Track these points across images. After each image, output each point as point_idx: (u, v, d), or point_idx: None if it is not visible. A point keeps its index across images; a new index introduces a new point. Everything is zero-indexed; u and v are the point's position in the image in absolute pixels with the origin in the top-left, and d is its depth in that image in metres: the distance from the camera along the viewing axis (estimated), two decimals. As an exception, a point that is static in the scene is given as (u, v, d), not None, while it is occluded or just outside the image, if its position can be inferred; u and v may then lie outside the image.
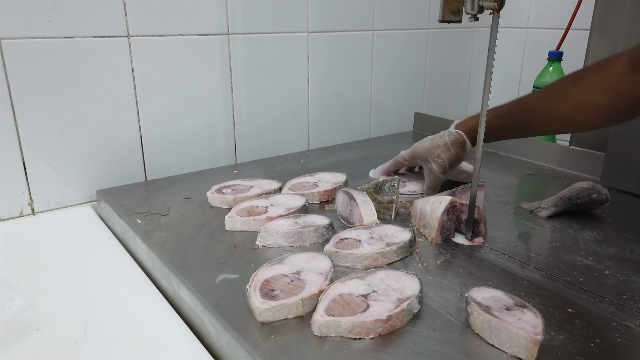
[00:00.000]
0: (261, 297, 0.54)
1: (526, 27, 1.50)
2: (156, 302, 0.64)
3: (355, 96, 1.33)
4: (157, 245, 0.71)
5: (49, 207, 0.91)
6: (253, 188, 0.87)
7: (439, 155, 0.80)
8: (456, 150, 0.79)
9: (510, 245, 0.72)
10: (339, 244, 0.67)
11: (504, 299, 0.54)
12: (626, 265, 0.67)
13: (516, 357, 0.49)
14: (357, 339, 0.51)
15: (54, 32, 0.85)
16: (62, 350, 0.55)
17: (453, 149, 0.79)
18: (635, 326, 0.54)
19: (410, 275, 0.59)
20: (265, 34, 1.10)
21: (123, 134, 0.96)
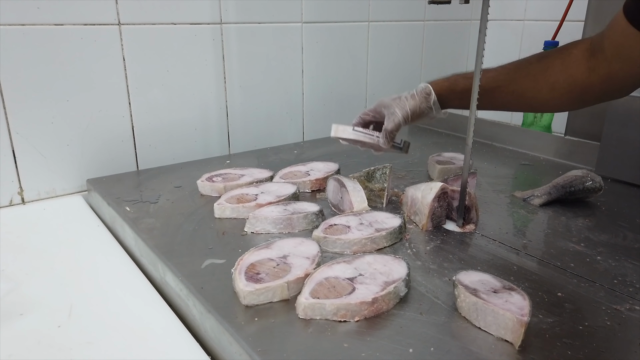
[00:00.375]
0: (246, 280, 0.54)
1: (523, 20, 1.49)
2: (143, 288, 0.64)
3: (351, 88, 1.32)
4: (145, 231, 0.70)
5: (39, 197, 0.91)
6: (244, 177, 0.87)
7: (403, 102, 0.77)
8: (420, 99, 0.77)
9: (502, 232, 0.72)
10: (328, 229, 0.67)
11: (492, 282, 0.53)
12: (618, 251, 0.66)
13: (502, 339, 0.48)
14: (343, 321, 0.50)
15: (44, 19, 0.84)
16: (44, 334, 0.54)
17: (418, 97, 0.77)
18: (625, 310, 0.53)
19: (398, 260, 0.59)
20: (258, 23, 1.10)
21: (114, 123, 0.96)
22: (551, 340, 0.48)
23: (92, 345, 0.53)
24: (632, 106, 0.88)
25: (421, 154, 1.10)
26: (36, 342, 0.53)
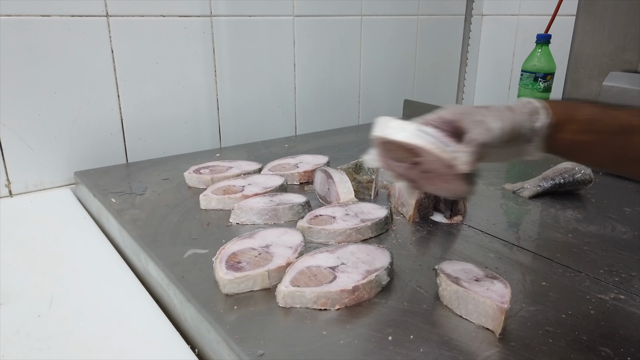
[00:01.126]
0: (226, 269, 0.53)
1: (518, 14, 1.49)
2: (125, 279, 0.63)
3: (344, 82, 1.32)
4: (129, 222, 0.69)
5: (26, 189, 0.90)
6: (232, 169, 0.86)
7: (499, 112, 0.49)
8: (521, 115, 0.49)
9: (490, 224, 0.71)
10: (313, 220, 0.66)
11: (474, 270, 0.53)
12: (606, 242, 0.65)
13: (483, 327, 0.47)
14: (323, 309, 0.50)
15: (31, 10, 0.83)
16: (23, 324, 0.54)
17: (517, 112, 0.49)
18: (609, 299, 0.52)
19: (381, 249, 0.58)
20: (249, 16, 1.09)
21: (103, 116, 0.95)
22: (533, 329, 0.47)
23: (70, 335, 0.52)
24: (623, 98, 0.88)
25: (413, 147, 1.09)
26: (15, 332, 0.53)
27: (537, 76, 1.13)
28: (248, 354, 0.43)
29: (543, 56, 1.13)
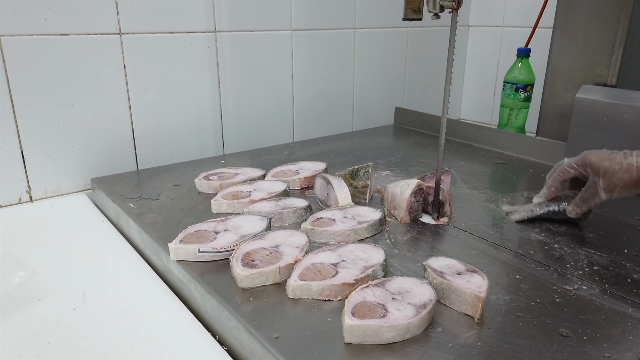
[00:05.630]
0: (242, 266, 0.61)
1: (502, 26, 1.58)
2: (148, 276, 0.70)
3: (338, 91, 1.39)
4: (149, 225, 0.77)
5: (45, 195, 0.97)
6: (238, 175, 0.93)
7: (615, 172, 0.65)
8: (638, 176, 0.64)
9: (472, 224, 0.79)
10: (315, 222, 0.74)
11: (457, 265, 0.61)
12: (574, 240, 0.74)
13: (464, 313, 0.55)
14: (327, 300, 0.58)
15: (50, 30, 0.90)
16: (62, 315, 0.61)
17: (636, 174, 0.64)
18: (573, 289, 0.61)
19: (376, 248, 0.66)
20: (250, 31, 1.17)
21: (115, 126, 1.02)
22: (506, 314, 0.55)
23: (104, 325, 0.59)
24: (594, 109, 0.97)
25: (403, 153, 1.17)
26: (55, 323, 0.60)
27: (518, 87, 1.22)
28: (265, 337, 0.51)
29: (523, 68, 1.22)
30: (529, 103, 1.27)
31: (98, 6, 0.94)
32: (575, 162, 0.72)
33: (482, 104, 1.69)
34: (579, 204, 0.72)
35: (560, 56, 1.06)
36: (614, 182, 0.65)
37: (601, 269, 0.66)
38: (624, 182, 0.65)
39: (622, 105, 0.93)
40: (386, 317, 0.51)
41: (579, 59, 1.03)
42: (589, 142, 0.98)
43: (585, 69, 1.03)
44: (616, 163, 0.65)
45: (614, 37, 0.97)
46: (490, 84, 1.64)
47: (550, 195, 0.76)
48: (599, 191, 0.68)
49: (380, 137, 1.37)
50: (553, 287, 0.61)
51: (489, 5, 1.60)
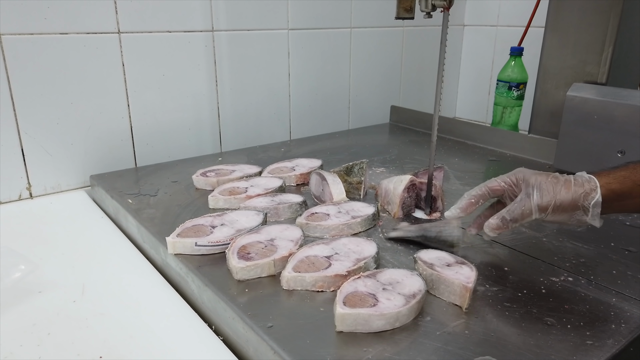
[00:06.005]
0: (238, 259, 0.62)
1: (496, 25, 1.60)
2: (146, 270, 0.72)
3: (335, 90, 1.41)
4: (147, 220, 0.78)
5: (45, 192, 0.99)
6: (235, 172, 0.95)
7: (551, 186, 0.59)
8: (577, 194, 0.58)
9: (464, 219, 0.81)
10: (310, 217, 0.75)
11: (446, 258, 0.63)
12: (563, 234, 0.75)
13: (453, 303, 0.57)
14: (320, 291, 0.59)
15: (50, 29, 0.92)
16: (62, 307, 0.63)
17: (573, 189, 0.58)
18: (559, 281, 0.62)
19: (369, 241, 0.68)
20: (247, 30, 1.18)
21: (114, 124, 1.04)
22: (493, 304, 0.57)
23: (104, 316, 0.61)
24: (585, 107, 0.98)
25: (398, 151, 1.19)
26: (55, 314, 0.61)
27: (511, 85, 1.24)
28: (259, 326, 0.53)
29: (516, 67, 1.24)
30: (522, 101, 1.29)
31: (97, 6, 0.96)
32: (508, 176, 0.64)
33: (477, 102, 1.71)
34: (505, 219, 0.60)
35: (552, 55, 1.08)
36: (548, 196, 0.58)
37: (587, 261, 0.67)
38: (560, 198, 0.58)
39: (612, 102, 0.95)
40: (376, 306, 0.52)
41: (570, 57, 1.05)
42: (579, 139, 1.00)
43: (576, 67, 1.05)
44: (553, 177, 0.60)
45: (603, 36, 0.99)
46: (485, 82, 1.66)
47: (468, 208, 0.65)
48: (531, 206, 0.59)
49: (376, 134, 1.39)
50: (540, 278, 0.63)
51: (483, 4, 1.62)
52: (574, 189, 0.58)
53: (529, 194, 0.60)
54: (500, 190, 0.64)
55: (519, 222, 0.60)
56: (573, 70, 1.05)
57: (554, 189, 0.59)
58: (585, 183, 0.59)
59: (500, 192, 0.64)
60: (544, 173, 0.62)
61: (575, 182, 0.59)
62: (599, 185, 0.58)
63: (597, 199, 0.57)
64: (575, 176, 0.60)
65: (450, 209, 0.66)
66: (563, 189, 0.58)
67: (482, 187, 0.65)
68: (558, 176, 0.61)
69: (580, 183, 0.59)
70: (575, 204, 0.58)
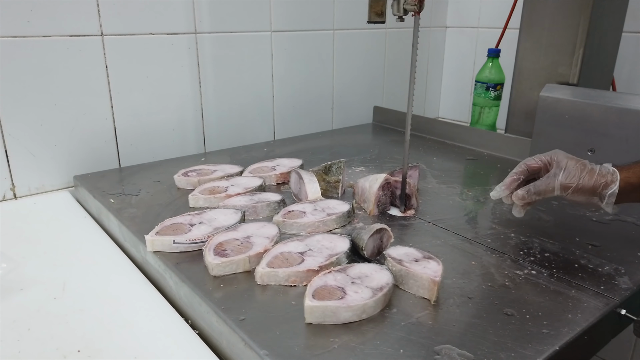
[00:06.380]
0: (214, 255, 0.64)
1: (477, 27, 1.63)
2: (126, 267, 0.74)
3: (318, 91, 1.43)
4: (128, 219, 0.80)
5: (29, 192, 1.00)
6: (216, 172, 0.97)
7: (578, 171, 0.66)
8: (598, 182, 0.65)
9: (437, 216, 0.84)
10: (287, 215, 0.78)
11: (415, 253, 0.65)
12: (530, 230, 0.78)
13: (422, 297, 0.60)
14: (293, 286, 0.62)
15: (33, 32, 0.93)
16: (43, 304, 0.64)
17: (595, 179, 0.66)
18: (523, 274, 0.65)
19: (342, 237, 0.70)
20: (230, 33, 1.20)
21: (98, 125, 1.05)
22: (459, 297, 0.60)
23: (83, 312, 0.63)
24: (557, 107, 1.01)
25: (379, 150, 1.22)
26: (36, 310, 0.63)
27: (489, 86, 1.27)
28: (232, 319, 0.55)
29: (494, 68, 1.27)
30: (500, 101, 1.32)
31: (80, 8, 0.97)
32: (544, 155, 0.71)
33: (459, 103, 1.74)
34: (530, 191, 0.68)
35: (526, 56, 1.11)
36: (572, 179, 0.66)
37: (552, 255, 0.70)
38: (582, 183, 0.66)
39: (582, 103, 0.98)
40: (344, 299, 0.55)
41: (543, 59, 1.08)
42: (552, 138, 1.03)
43: (549, 68, 1.08)
44: (581, 164, 0.67)
45: (574, 38, 1.02)
46: (467, 83, 1.69)
47: (511, 184, 0.71)
48: (555, 184, 0.67)
49: (359, 134, 1.41)
50: (505, 272, 0.66)
51: (465, 6, 1.65)
52: (596, 177, 0.66)
53: (556, 173, 0.67)
54: (537, 168, 0.71)
55: (542, 195, 0.68)
56: (546, 72, 1.08)
57: (579, 173, 0.66)
58: (607, 174, 0.66)
59: (537, 169, 0.71)
60: (574, 158, 0.69)
61: (599, 172, 0.66)
62: (619, 179, 0.65)
63: (614, 190, 0.65)
64: (601, 166, 0.68)
65: (495, 188, 0.72)
66: (587, 176, 0.66)
67: (522, 165, 0.72)
68: (586, 163, 0.68)
69: (603, 173, 0.66)
70: (595, 191, 0.66)
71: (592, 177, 0.66)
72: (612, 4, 1.04)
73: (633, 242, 0.75)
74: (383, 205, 0.84)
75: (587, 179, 0.66)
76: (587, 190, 0.66)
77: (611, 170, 0.66)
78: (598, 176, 0.66)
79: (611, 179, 0.65)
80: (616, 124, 0.93)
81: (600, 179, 0.66)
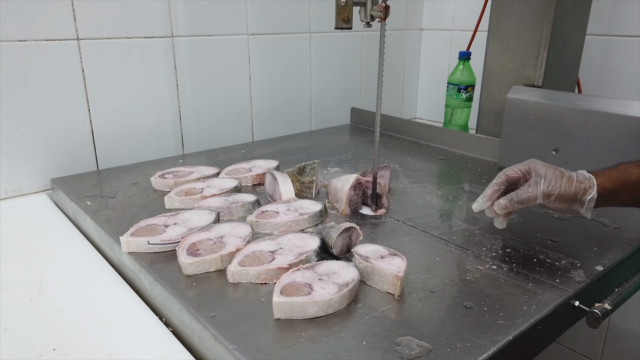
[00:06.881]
0: (187, 255, 0.66)
1: (451, 29, 1.66)
2: (102, 268, 0.75)
3: (296, 93, 1.46)
4: (104, 221, 0.81)
5: (7, 195, 1.01)
6: (193, 173, 0.99)
7: (558, 179, 0.67)
8: (576, 189, 0.67)
9: (407, 215, 0.87)
10: (260, 215, 0.80)
11: (381, 250, 0.68)
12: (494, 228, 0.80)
13: (386, 292, 0.62)
14: (264, 284, 0.64)
15: (8, 36, 0.94)
16: (19, 305, 0.66)
17: (574, 186, 0.67)
18: (484, 269, 0.68)
19: (313, 236, 0.72)
20: (207, 36, 1.22)
21: (75, 128, 1.06)
22: (422, 291, 0.63)
23: (59, 312, 0.64)
24: (523, 108, 1.05)
25: (355, 151, 1.25)
26: (12, 311, 0.64)
27: (460, 88, 1.31)
28: (203, 316, 0.57)
29: (465, 70, 1.31)
30: (471, 102, 1.35)
31: (55, 13, 0.98)
32: (522, 165, 0.72)
33: (436, 104, 1.78)
34: (513, 200, 0.68)
35: (494, 59, 1.14)
36: (554, 187, 0.67)
37: (513, 251, 0.74)
38: (563, 190, 0.67)
39: (546, 104, 1.02)
40: (310, 295, 0.57)
41: (510, 61, 1.12)
42: (519, 138, 1.07)
43: (515, 71, 1.12)
44: (559, 172, 0.69)
45: (539, 41, 1.06)
46: (442, 84, 1.72)
47: (492, 195, 0.71)
48: (537, 192, 0.67)
49: (336, 136, 1.44)
50: (467, 267, 0.69)
51: (439, 9, 1.69)
52: (575, 184, 0.67)
53: (537, 182, 0.68)
54: (516, 178, 0.72)
55: (524, 204, 0.68)
56: (513, 74, 1.12)
57: (559, 181, 0.67)
58: (585, 181, 0.68)
59: (516, 179, 0.72)
60: (552, 166, 0.70)
61: (577, 179, 0.68)
62: (596, 184, 0.67)
63: (593, 195, 0.67)
64: (577, 173, 0.69)
65: (477, 200, 0.72)
66: (566, 183, 0.67)
67: (501, 176, 0.72)
68: (563, 171, 0.69)
69: (580, 180, 0.68)
70: (575, 197, 0.68)
71: (572, 184, 0.67)
72: (574, 8, 1.09)
73: (590, 238, 0.79)
74: (355, 205, 0.87)
75: (567, 186, 0.67)
76: (568, 197, 0.67)
77: (587, 177, 0.69)
78: (577, 183, 0.67)
79: (588, 184, 0.68)
80: (578, 124, 0.97)
81: (579, 185, 0.67)
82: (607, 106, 0.94)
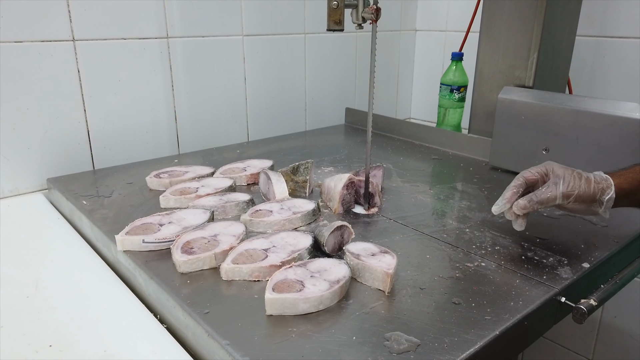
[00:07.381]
0: (181, 253, 0.68)
1: (445, 30, 1.68)
2: (98, 266, 0.77)
3: (291, 93, 1.47)
4: (100, 220, 0.82)
5: (3, 195, 1.01)
6: (188, 173, 1.00)
7: (576, 180, 0.69)
8: (595, 189, 0.68)
9: (399, 213, 0.88)
10: (254, 214, 0.81)
11: (372, 248, 0.69)
12: (485, 225, 0.83)
13: (377, 289, 0.64)
14: (257, 281, 0.65)
15: (5, 38, 0.95)
16: (16, 302, 0.67)
17: (593, 187, 0.68)
18: (473, 266, 0.70)
19: (305, 234, 0.74)
20: (202, 37, 1.23)
21: (71, 128, 1.07)
22: (411, 288, 0.64)
23: (55, 310, 0.65)
24: (514, 108, 1.07)
25: (349, 151, 1.26)
26: (9, 309, 0.65)
27: (453, 88, 1.32)
28: (197, 312, 0.58)
29: (457, 71, 1.32)
30: (464, 103, 1.37)
31: (51, 14, 0.99)
32: (539, 167, 0.72)
33: (430, 104, 1.79)
34: (532, 200, 0.69)
35: (486, 60, 1.16)
36: (573, 188, 0.68)
37: (502, 248, 0.75)
38: (582, 191, 0.68)
39: (537, 104, 1.03)
40: (302, 291, 0.58)
41: (501, 62, 1.14)
42: (510, 138, 1.09)
43: (507, 71, 1.13)
44: (577, 173, 0.70)
45: (529, 42, 1.08)
46: (436, 85, 1.72)
47: (512, 197, 0.71)
48: (557, 193, 0.68)
49: (331, 135, 1.45)
50: (456, 264, 0.70)
51: (433, 10, 1.70)
52: (593, 185, 0.69)
53: (556, 182, 0.69)
54: (534, 180, 0.72)
55: (544, 205, 0.69)
56: (504, 75, 1.14)
57: (578, 182, 0.69)
58: (602, 181, 0.69)
59: (534, 181, 0.72)
60: (568, 168, 0.71)
61: (594, 180, 0.69)
62: (613, 184, 0.69)
63: (611, 195, 0.69)
64: (594, 174, 0.71)
65: (496, 203, 0.73)
66: (585, 183, 0.69)
67: (520, 178, 0.73)
68: (581, 172, 0.70)
69: (598, 180, 0.69)
70: (594, 197, 0.69)
71: (590, 184, 0.68)
72: (564, 9, 1.10)
73: (578, 235, 0.80)
74: (347, 204, 0.88)
75: (586, 186, 0.68)
76: (587, 197, 0.68)
77: (604, 177, 0.70)
78: (594, 183, 0.69)
79: (606, 185, 0.69)
80: (568, 124, 0.99)
81: (597, 186, 0.69)
82: (596, 106, 0.96)
